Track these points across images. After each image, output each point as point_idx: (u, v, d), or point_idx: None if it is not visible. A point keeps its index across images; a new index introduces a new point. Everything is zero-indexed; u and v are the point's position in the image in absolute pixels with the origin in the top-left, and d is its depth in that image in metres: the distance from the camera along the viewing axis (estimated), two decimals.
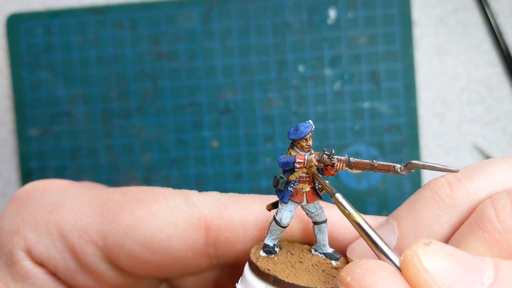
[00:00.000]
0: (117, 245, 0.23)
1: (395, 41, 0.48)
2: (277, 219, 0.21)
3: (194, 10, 0.49)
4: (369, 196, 0.48)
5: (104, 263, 0.24)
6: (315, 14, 0.49)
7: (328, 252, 0.22)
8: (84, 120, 0.49)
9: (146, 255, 0.23)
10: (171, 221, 0.23)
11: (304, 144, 0.21)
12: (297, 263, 0.21)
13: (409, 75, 0.48)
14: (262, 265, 0.21)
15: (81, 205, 0.24)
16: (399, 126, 0.48)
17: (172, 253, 0.23)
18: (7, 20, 0.49)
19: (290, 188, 0.21)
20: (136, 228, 0.23)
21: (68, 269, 0.23)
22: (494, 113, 0.49)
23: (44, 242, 0.23)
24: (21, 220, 0.24)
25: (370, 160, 0.21)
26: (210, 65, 0.49)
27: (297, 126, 0.21)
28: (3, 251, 0.24)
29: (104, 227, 0.23)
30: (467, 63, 0.49)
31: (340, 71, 0.49)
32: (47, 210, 0.24)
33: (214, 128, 0.49)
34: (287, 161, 0.21)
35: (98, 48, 0.49)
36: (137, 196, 0.24)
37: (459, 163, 0.49)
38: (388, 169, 0.21)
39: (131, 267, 0.23)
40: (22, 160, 0.49)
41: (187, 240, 0.23)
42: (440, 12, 0.49)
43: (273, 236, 0.22)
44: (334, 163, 0.21)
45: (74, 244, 0.23)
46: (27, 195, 0.26)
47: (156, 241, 0.23)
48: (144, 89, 0.49)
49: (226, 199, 0.24)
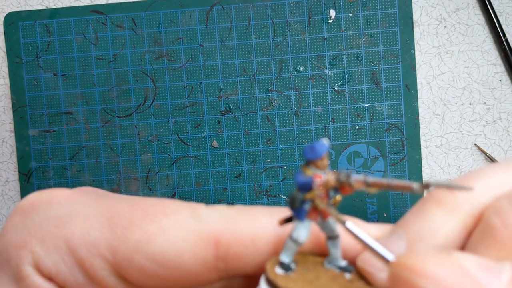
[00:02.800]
0: (126, 259, 0.23)
1: (396, 41, 0.48)
2: (294, 237, 0.21)
3: (194, 10, 0.49)
4: (369, 197, 0.48)
5: (113, 277, 0.23)
6: (316, 14, 0.49)
7: (342, 265, 0.22)
8: (84, 120, 0.49)
9: (156, 269, 0.23)
10: (180, 236, 0.23)
11: (320, 164, 0.21)
12: (315, 280, 0.21)
13: (410, 75, 0.48)
14: (282, 284, 0.20)
15: (88, 218, 0.24)
16: (399, 126, 0.48)
17: (181, 268, 0.23)
18: (6, 19, 0.49)
19: (306, 206, 0.21)
20: (146, 243, 0.23)
21: (77, 284, 0.23)
22: (495, 113, 0.49)
23: (52, 256, 0.23)
24: (27, 233, 0.24)
25: (388, 180, 0.21)
26: (210, 65, 0.49)
27: (313, 146, 0.21)
28: (10, 266, 0.23)
29: (113, 242, 0.23)
30: (469, 62, 0.49)
31: (340, 71, 0.48)
32: (54, 223, 0.24)
33: (214, 128, 0.49)
34: (305, 182, 0.21)
35: (98, 48, 0.49)
36: (145, 210, 0.24)
37: (460, 163, 0.49)
38: (406, 189, 0.20)
39: (140, 281, 0.23)
40: (21, 160, 0.49)
41: (197, 255, 0.23)
42: (441, 11, 0.49)
43: (289, 252, 0.22)
44: (352, 184, 0.21)
45: (83, 258, 0.23)
46: (32, 207, 0.25)
47: (165, 256, 0.23)
48: (144, 89, 0.49)
49: (234, 213, 0.24)
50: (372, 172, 0.48)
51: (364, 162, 0.48)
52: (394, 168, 0.48)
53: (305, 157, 0.21)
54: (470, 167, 0.49)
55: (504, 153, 0.49)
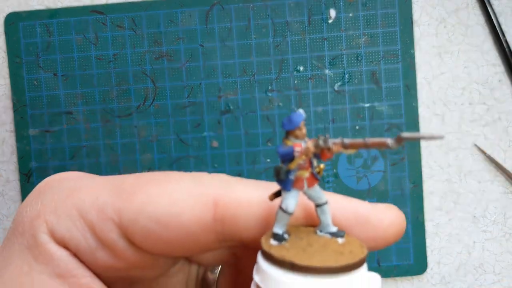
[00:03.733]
0: (131, 221, 0.24)
1: (395, 41, 0.48)
2: (283, 207, 0.22)
3: (194, 10, 0.49)
4: (369, 197, 0.48)
5: (122, 240, 0.25)
6: (316, 14, 0.49)
7: (333, 231, 0.23)
8: (84, 120, 0.49)
9: (159, 230, 0.24)
10: (181, 198, 0.24)
11: (299, 133, 0.22)
12: (307, 247, 0.22)
13: (409, 75, 0.48)
14: (276, 254, 0.21)
15: (97, 187, 0.26)
16: (399, 126, 0.48)
17: (182, 228, 0.24)
18: (6, 19, 0.49)
19: (291, 176, 0.22)
20: (149, 204, 0.24)
21: (89, 248, 0.25)
22: (495, 113, 0.49)
23: (65, 223, 0.24)
24: (41, 206, 0.25)
25: (363, 139, 0.22)
26: (210, 65, 0.49)
27: (290, 117, 0.22)
28: (25, 237, 0.25)
29: (119, 205, 0.24)
30: (468, 63, 0.49)
31: (340, 71, 0.49)
32: (65, 194, 0.25)
33: (215, 128, 0.49)
34: (286, 152, 0.22)
35: (98, 48, 0.49)
36: (150, 179, 0.25)
37: (460, 163, 0.49)
38: (380, 145, 0.21)
39: (145, 244, 0.25)
40: (22, 160, 0.49)
41: (197, 216, 0.24)
42: (441, 11, 0.49)
43: (280, 224, 0.23)
44: (330, 147, 0.22)
45: (93, 222, 0.24)
46: (46, 185, 0.27)
47: (167, 216, 0.24)
48: (144, 89, 0.49)
49: (234, 180, 0.25)
50: (372, 172, 0.48)
51: (364, 162, 0.48)
52: (394, 168, 0.48)
53: (283, 128, 0.22)
54: (470, 167, 0.49)
55: (504, 153, 0.49)
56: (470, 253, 0.49)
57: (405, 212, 0.48)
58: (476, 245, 0.49)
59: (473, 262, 0.49)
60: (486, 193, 0.49)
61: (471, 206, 0.49)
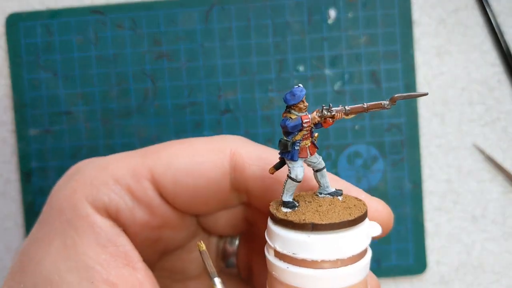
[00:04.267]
0: (161, 175, 0.27)
1: (395, 41, 0.48)
2: (292, 176, 0.24)
3: (194, 10, 0.49)
4: None
5: (156, 196, 0.28)
6: (316, 14, 0.49)
7: (332, 191, 0.26)
8: (84, 120, 0.49)
9: (185, 180, 0.27)
10: (204, 148, 0.28)
11: (302, 106, 0.24)
12: (318, 208, 0.24)
13: (409, 75, 0.48)
14: (295, 218, 0.23)
15: (126, 157, 0.28)
16: (399, 126, 0.48)
17: (205, 176, 0.27)
18: (7, 20, 0.49)
19: (297, 147, 0.24)
20: (175, 158, 0.27)
21: (128, 209, 0.27)
22: (494, 113, 0.49)
23: (103, 191, 0.27)
24: (75, 183, 0.27)
25: (362, 104, 0.24)
26: (210, 65, 0.49)
27: (293, 92, 0.23)
28: (64, 213, 0.26)
29: (149, 163, 0.27)
30: (468, 63, 0.49)
31: (341, 71, 0.49)
32: (97, 169, 0.28)
33: (215, 128, 0.49)
34: (295, 124, 0.23)
35: (98, 48, 0.49)
36: (171, 141, 0.29)
37: (459, 163, 0.49)
38: (378, 107, 0.24)
39: (174, 197, 0.28)
40: (22, 160, 0.49)
41: (217, 163, 0.27)
42: (441, 12, 0.49)
43: (289, 193, 0.25)
44: (334, 115, 0.24)
45: (130, 184, 0.27)
46: (74, 169, 0.29)
47: (192, 165, 0.27)
48: (144, 89, 0.49)
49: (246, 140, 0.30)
50: (372, 172, 0.48)
51: (364, 162, 0.48)
52: (394, 168, 0.48)
53: (288, 103, 0.24)
54: (469, 167, 0.49)
55: (503, 153, 0.49)
56: (470, 253, 0.49)
57: (405, 212, 0.48)
58: (476, 245, 0.49)
59: (472, 262, 0.49)
60: (486, 193, 0.49)
61: (470, 206, 0.49)
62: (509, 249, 0.49)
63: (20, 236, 0.50)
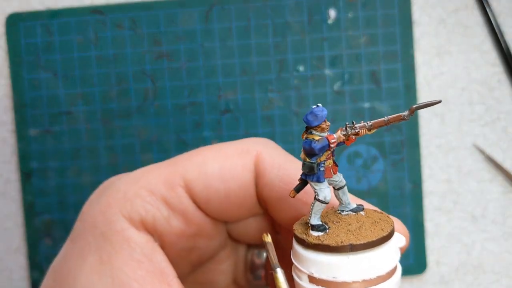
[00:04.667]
0: (194, 181, 0.27)
1: (395, 41, 0.48)
2: (321, 198, 0.24)
3: (194, 10, 0.49)
4: (369, 197, 0.48)
5: (191, 204, 0.28)
6: (316, 14, 0.49)
7: (354, 207, 0.25)
8: (84, 120, 0.49)
9: (216, 184, 0.27)
10: (232, 152, 0.28)
11: (324, 126, 0.23)
12: (349, 227, 0.24)
13: (409, 75, 0.48)
14: (331, 242, 0.22)
15: (157, 166, 0.28)
16: (399, 126, 0.48)
17: (235, 179, 0.27)
18: (7, 20, 0.49)
19: (322, 168, 0.23)
20: (205, 163, 0.27)
21: (163, 218, 0.27)
22: (494, 113, 0.49)
23: (138, 203, 0.27)
24: (108, 198, 0.27)
25: (383, 118, 0.24)
26: (210, 65, 0.49)
27: (314, 113, 0.23)
28: (98, 229, 0.26)
29: (181, 170, 0.27)
30: (468, 63, 0.49)
31: (341, 71, 0.49)
32: (129, 183, 0.28)
33: (215, 128, 0.49)
34: (322, 146, 0.23)
35: (98, 48, 0.49)
36: (200, 148, 0.29)
37: (459, 163, 0.49)
38: (398, 119, 0.24)
39: (208, 201, 0.28)
40: (22, 160, 0.49)
41: (244, 164, 0.27)
42: (441, 12, 0.49)
43: (317, 215, 0.24)
44: (358, 132, 0.24)
45: (164, 194, 0.27)
46: (105, 184, 0.29)
47: (221, 169, 0.27)
48: (144, 89, 0.49)
49: (271, 144, 0.30)
50: (372, 172, 0.48)
51: (364, 162, 0.48)
52: (394, 168, 0.48)
53: (310, 125, 0.23)
54: (469, 167, 0.49)
55: (503, 153, 0.49)
56: (470, 253, 0.49)
57: (405, 212, 0.48)
58: (476, 245, 0.49)
59: (472, 262, 0.49)
60: (486, 193, 0.49)
61: (470, 206, 0.49)
62: (509, 249, 0.49)
63: (20, 236, 0.50)
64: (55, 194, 0.49)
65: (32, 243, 0.49)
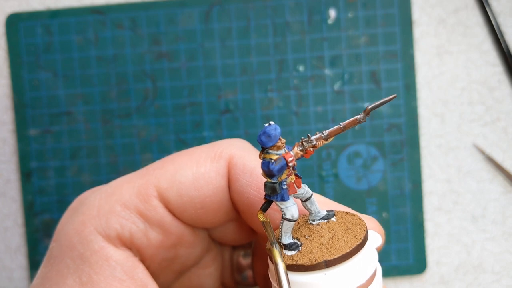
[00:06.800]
0: (168, 189, 0.26)
1: (395, 41, 0.48)
2: (288, 217, 0.23)
3: (194, 10, 0.49)
4: (369, 197, 0.48)
5: (167, 214, 0.27)
6: (315, 14, 0.49)
7: (325, 214, 0.25)
8: (84, 120, 0.49)
9: (190, 192, 0.26)
10: (204, 157, 0.27)
11: (280, 144, 0.22)
12: (321, 239, 0.23)
13: (409, 75, 0.48)
14: (305, 261, 0.22)
15: (130, 178, 0.28)
16: (399, 126, 0.48)
17: (209, 186, 0.27)
18: (7, 20, 0.49)
19: (284, 186, 0.23)
20: (178, 171, 0.27)
21: (141, 231, 0.26)
22: (494, 113, 0.49)
23: (113, 219, 0.26)
24: (83, 216, 0.26)
25: (338, 124, 0.23)
26: (210, 65, 0.49)
27: (267, 133, 0.22)
28: (75, 249, 0.25)
29: (154, 179, 0.27)
30: (468, 63, 0.49)
31: (340, 71, 0.49)
32: (102, 198, 0.27)
33: (215, 128, 0.49)
34: (281, 166, 0.22)
35: (98, 48, 0.49)
36: (172, 155, 0.28)
37: (459, 163, 0.49)
38: (354, 123, 0.23)
39: (183, 211, 0.27)
40: (22, 160, 0.49)
41: (219, 171, 0.27)
42: (441, 12, 0.49)
43: (288, 234, 0.23)
44: (315, 144, 0.23)
45: (139, 206, 0.26)
46: (78, 201, 0.29)
47: (194, 177, 0.27)
48: (144, 89, 0.49)
49: (252, 148, 0.29)
50: (372, 172, 0.48)
51: (364, 162, 0.48)
52: (394, 168, 0.48)
53: (265, 146, 0.22)
54: (469, 167, 0.49)
55: (503, 153, 0.49)
56: (469, 253, 0.49)
57: (405, 212, 0.48)
58: (475, 245, 0.49)
59: (472, 262, 0.49)
60: (485, 193, 0.49)
61: (470, 206, 0.49)
62: (509, 249, 0.49)
63: (20, 236, 0.50)
64: (55, 193, 0.49)
65: (32, 243, 0.49)
